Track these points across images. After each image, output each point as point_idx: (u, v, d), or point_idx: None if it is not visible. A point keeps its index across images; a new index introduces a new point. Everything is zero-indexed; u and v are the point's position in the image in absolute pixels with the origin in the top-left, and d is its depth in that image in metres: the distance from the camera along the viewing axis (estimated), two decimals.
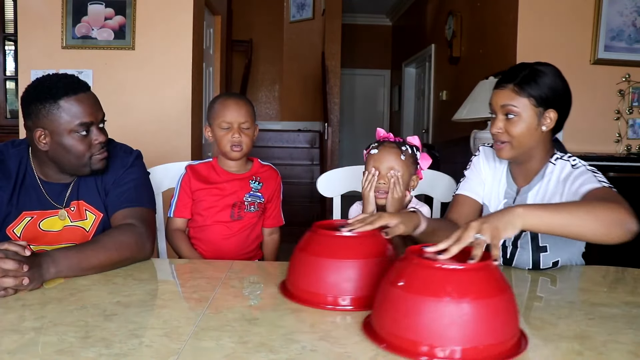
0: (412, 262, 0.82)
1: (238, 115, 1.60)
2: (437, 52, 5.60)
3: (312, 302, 0.99)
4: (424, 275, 0.80)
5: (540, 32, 3.38)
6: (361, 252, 1.01)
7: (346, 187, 1.79)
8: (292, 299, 1.03)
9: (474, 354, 0.75)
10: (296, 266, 1.06)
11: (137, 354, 0.77)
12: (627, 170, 2.95)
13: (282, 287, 1.09)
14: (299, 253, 1.06)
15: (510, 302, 0.81)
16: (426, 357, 0.75)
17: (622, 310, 1.02)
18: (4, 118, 4.33)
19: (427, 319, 0.76)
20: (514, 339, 0.80)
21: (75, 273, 1.14)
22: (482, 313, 0.76)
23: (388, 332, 0.81)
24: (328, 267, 1.00)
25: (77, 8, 3.22)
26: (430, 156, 1.47)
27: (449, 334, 0.75)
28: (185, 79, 3.33)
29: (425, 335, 0.76)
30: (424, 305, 0.77)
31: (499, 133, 1.31)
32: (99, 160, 1.34)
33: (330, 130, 5.63)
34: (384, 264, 0.99)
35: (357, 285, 0.98)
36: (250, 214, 1.65)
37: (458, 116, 3.41)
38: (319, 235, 1.05)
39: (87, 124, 1.28)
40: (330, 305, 0.98)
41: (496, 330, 0.77)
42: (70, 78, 1.31)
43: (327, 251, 1.01)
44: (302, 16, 7.15)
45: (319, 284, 1.00)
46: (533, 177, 1.36)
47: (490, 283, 0.80)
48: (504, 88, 1.30)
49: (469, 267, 0.80)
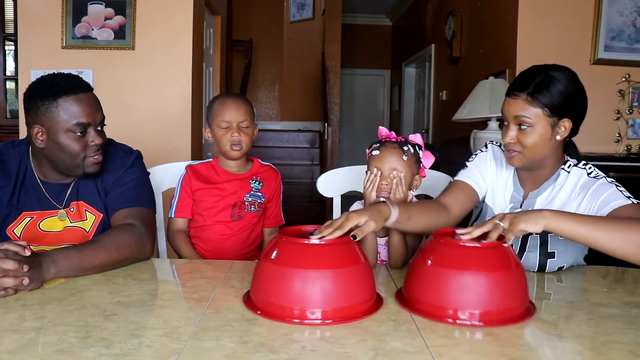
0: (439, 242, 0.99)
1: (237, 115, 1.60)
2: (437, 52, 5.60)
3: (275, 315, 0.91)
4: (448, 253, 0.97)
5: (540, 32, 3.38)
6: (331, 261, 0.94)
7: (346, 187, 1.79)
8: (253, 310, 0.95)
9: (489, 317, 0.91)
10: (260, 276, 0.98)
11: (137, 354, 0.77)
12: (627, 170, 2.95)
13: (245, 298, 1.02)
14: (264, 262, 0.98)
15: (517, 276, 0.96)
16: (451, 319, 0.92)
17: (622, 310, 1.02)
18: (4, 118, 4.33)
19: (452, 287, 0.93)
20: (523, 306, 0.96)
21: (75, 273, 1.14)
22: (493, 283, 0.93)
23: (417, 300, 0.97)
24: (295, 277, 0.92)
25: (77, 8, 3.22)
26: (433, 156, 1.46)
27: (469, 299, 0.92)
28: (185, 79, 3.33)
29: (450, 301, 0.92)
30: (449, 276, 0.94)
31: (512, 143, 1.27)
32: (92, 163, 1.32)
33: (330, 130, 5.63)
34: (357, 273, 0.95)
35: (327, 297, 0.91)
36: (250, 213, 1.65)
37: (458, 116, 3.41)
38: (286, 243, 0.97)
39: (83, 125, 1.28)
40: (297, 319, 0.90)
41: (506, 298, 0.93)
42: (73, 78, 1.31)
43: (293, 261, 0.94)
44: (302, 16, 7.15)
45: (283, 296, 0.92)
46: (542, 183, 1.33)
47: (501, 259, 0.96)
48: (516, 97, 1.25)
49: (484, 246, 0.97)
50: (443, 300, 0.93)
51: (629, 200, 1.17)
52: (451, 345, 0.83)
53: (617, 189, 1.21)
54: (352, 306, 0.93)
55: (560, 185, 1.31)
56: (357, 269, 0.96)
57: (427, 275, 0.97)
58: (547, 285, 1.23)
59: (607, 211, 1.18)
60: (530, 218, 1.03)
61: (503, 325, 0.90)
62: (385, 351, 0.80)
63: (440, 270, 0.95)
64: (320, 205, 5.20)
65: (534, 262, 1.30)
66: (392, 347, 0.81)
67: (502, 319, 0.91)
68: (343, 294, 0.93)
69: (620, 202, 1.17)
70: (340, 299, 0.92)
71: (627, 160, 3.07)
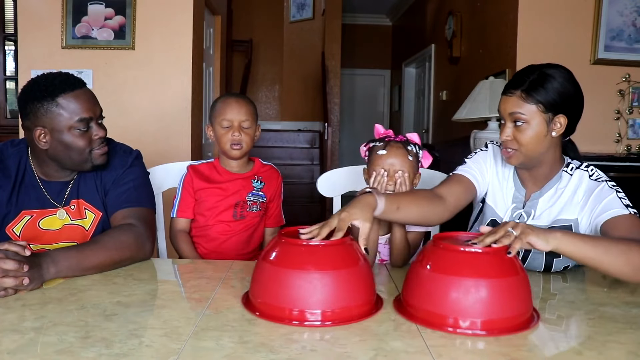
0: (439, 247, 0.96)
1: (238, 114, 1.60)
2: (437, 52, 5.60)
3: (274, 317, 0.91)
4: (448, 258, 0.93)
5: (540, 32, 3.38)
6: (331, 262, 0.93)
7: (346, 187, 1.79)
8: (252, 311, 0.95)
9: (490, 326, 0.87)
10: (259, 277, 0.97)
11: (137, 354, 0.77)
12: (627, 170, 2.95)
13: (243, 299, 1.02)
14: (263, 262, 0.97)
15: (520, 283, 0.92)
16: (451, 327, 0.88)
17: (622, 310, 1.02)
18: (4, 118, 4.33)
19: (451, 295, 0.89)
20: (525, 315, 0.92)
21: (75, 273, 1.14)
22: (496, 290, 0.89)
23: (418, 308, 0.93)
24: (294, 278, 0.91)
25: (77, 8, 3.22)
26: (431, 156, 1.46)
27: (470, 307, 0.88)
28: (185, 79, 3.33)
29: (450, 309, 0.89)
30: (449, 283, 0.90)
31: (508, 140, 1.28)
32: (99, 155, 1.34)
33: (330, 130, 5.63)
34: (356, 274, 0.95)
35: (327, 298, 0.90)
36: (252, 213, 1.65)
37: (458, 116, 3.41)
38: (285, 244, 0.97)
39: (86, 120, 1.29)
40: (297, 321, 0.90)
41: (508, 306, 0.89)
42: (65, 75, 1.31)
43: (293, 262, 0.93)
44: (302, 16, 7.15)
45: (282, 297, 0.91)
46: (545, 183, 1.33)
47: (503, 266, 0.93)
48: (511, 95, 1.26)
49: (486, 251, 0.94)
50: (443, 308, 0.89)
51: (626, 210, 1.20)
52: (451, 346, 0.83)
53: (617, 196, 1.23)
54: (351, 307, 0.92)
55: (563, 187, 1.31)
56: (356, 270, 0.96)
57: (426, 281, 0.93)
58: (547, 285, 1.23)
59: (605, 219, 1.20)
60: (542, 236, 1.03)
61: (506, 334, 0.87)
62: (385, 351, 0.80)
63: (440, 277, 0.91)
64: (320, 205, 5.20)
65: (540, 263, 1.30)
66: (392, 347, 0.81)
67: (505, 327, 0.88)
68: (343, 295, 0.92)
69: (618, 212, 1.19)
70: (339, 301, 0.91)
71: (627, 160, 3.07)
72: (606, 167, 3.09)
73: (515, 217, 1.36)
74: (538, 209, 1.33)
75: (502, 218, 1.37)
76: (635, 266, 1.05)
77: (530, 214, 1.34)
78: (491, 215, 1.40)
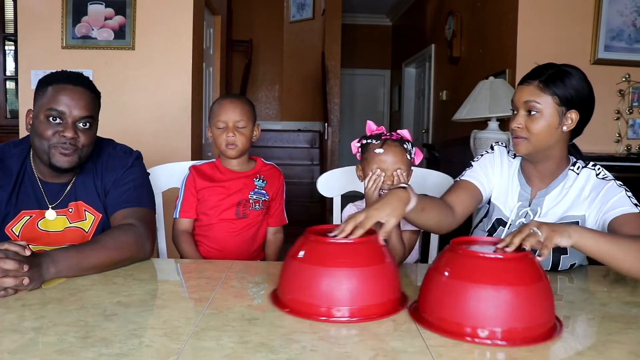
0: (457, 253, 0.92)
1: (233, 114, 1.61)
2: (437, 52, 5.60)
3: (303, 313, 0.93)
4: (467, 264, 0.89)
5: (540, 32, 3.38)
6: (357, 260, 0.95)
7: (346, 187, 1.79)
8: (282, 308, 0.97)
9: (511, 335, 0.83)
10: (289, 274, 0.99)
11: (137, 354, 0.77)
12: (627, 170, 2.95)
13: (272, 296, 1.04)
14: (292, 260, 0.99)
15: (544, 290, 0.88)
16: (469, 337, 0.84)
17: (622, 310, 1.02)
18: (4, 118, 4.33)
19: (470, 303, 0.85)
20: (548, 324, 0.87)
21: (75, 273, 1.14)
22: (518, 298, 0.85)
23: (435, 316, 0.89)
24: (322, 275, 0.94)
25: (77, 8, 3.22)
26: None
27: (490, 316, 0.84)
28: (185, 79, 3.33)
29: (469, 318, 0.85)
30: (468, 290, 0.86)
31: (519, 128, 1.29)
32: (59, 154, 1.29)
33: (330, 130, 5.64)
34: (382, 271, 0.96)
35: (354, 295, 0.92)
36: (255, 212, 1.65)
37: (458, 116, 3.41)
38: (313, 242, 0.99)
39: (57, 111, 1.27)
40: (324, 317, 0.91)
41: (531, 315, 0.85)
42: (75, 73, 1.33)
43: (321, 259, 0.95)
44: (302, 16, 7.15)
45: (311, 294, 0.93)
46: (551, 180, 1.35)
47: (527, 272, 0.88)
48: (529, 84, 1.29)
49: (508, 257, 0.90)
50: (461, 317, 0.85)
51: (635, 209, 1.22)
52: (451, 346, 0.83)
53: (626, 194, 1.25)
54: (379, 304, 0.94)
55: (569, 186, 1.32)
56: (382, 267, 0.97)
57: (445, 289, 0.89)
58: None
59: (613, 216, 1.22)
60: (565, 232, 1.05)
61: (527, 345, 0.83)
62: (385, 351, 0.80)
63: (459, 284, 0.87)
64: (320, 205, 5.20)
65: (548, 261, 1.30)
66: (392, 347, 0.81)
67: (526, 337, 0.84)
68: (370, 291, 0.93)
69: (627, 209, 1.21)
70: (367, 297, 0.93)
71: (627, 160, 3.07)
72: (606, 167, 3.08)
73: (521, 215, 1.37)
74: (544, 206, 1.34)
75: (509, 217, 1.38)
76: None
77: (536, 211, 1.34)
78: (497, 214, 1.40)
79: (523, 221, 1.36)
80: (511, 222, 1.37)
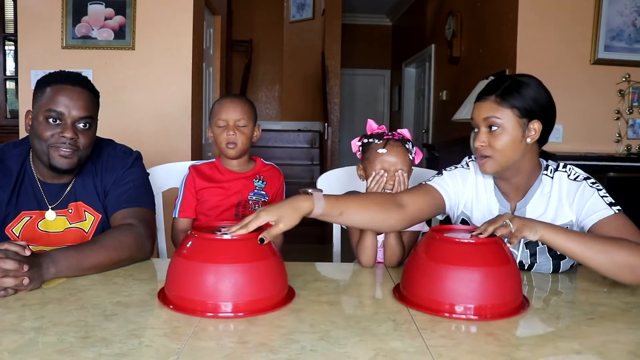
0: (435, 239, 1.03)
1: (233, 113, 1.61)
2: (437, 52, 5.60)
3: (188, 310, 0.94)
4: (444, 248, 1.01)
5: (540, 32, 3.38)
6: (239, 256, 0.97)
7: (346, 187, 1.79)
8: (167, 305, 0.97)
9: (483, 311, 0.95)
10: (174, 272, 1.01)
11: (137, 354, 0.77)
12: (627, 170, 2.95)
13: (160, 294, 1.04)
14: (177, 258, 1.01)
15: (512, 271, 1.00)
16: (447, 313, 0.95)
17: (622, 310, 1.02)
18: (4, 118, 4.33)
19: (447, 282, 0.97)
20: (516, 301, 0.99)
21: (75, 273, 1.14)
22: (488, 278, 0.97)
23: (415, 294, 1.01)
24: (206, 271, 0.95)
25: (77, 8, 3.22)
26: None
27: (465, 294, 0.95)
28: (185, 79, 3.33)
29: (447, 296, 0.96)
30: (445, 272, 0.97)
31: (482, 147, 1.25)
32: (58, 156, 1.29)
33: (330, 130, 5.64)
34: (266, 267, 0.99)
35: (237, 291, 0.94)
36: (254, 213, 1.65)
37: (458, 116, 3.41)
38: (198, 239, 1.01)
39: (56, 113, 1.28)
40: (211, 313, 0.93)
41: (500, 293, 0.97)
42: (73, 74, 1.33)
43: (204, 256, 0.97)
44: (302, 16, 7.15)
45: (198, 290, 0.95)
46: (526, 191, 1.30)
47: (496, 255, 1.00)
48: (485, 100, 1.25)
49: (480, 242, 1.02)
50: (440, 295, 0.97)
51: (611, 210, 1.20)
52: (451, 346, 0.83)
53: (600, 195, 1.23)
54: (261, 300, 0.96)
55: (548, 192, 1.29)
56: (265, 263, 0.99)
57: (425, 271, 1.01)
58: (547, 285, 1.23)
59: (591, 223, 1.21)
60: (533, 227, 1.10)
61: (497, 319, 0.94)
62: (385, 351, 0.80)
63: (437, 266, 0.99)
64: None
65: (548, 267, 1.29)
66: (392, 347, 0.81)
67: (496, 313, 0.95)
68: (253, 287, 0.96)
69: (604, 213, 1.20)
70: (250, 293, 0.95)
71: (627, 160, 3.07)
72: (606, 167, 3.09)
73: None
74: (528, 215, 1.29)
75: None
76: (618, 264, 1.09)
77: None
78: None
79: None
80: None
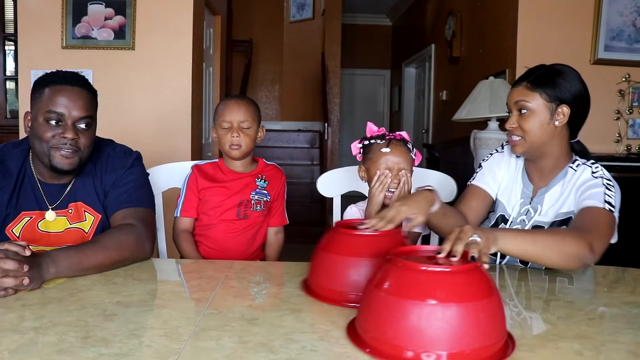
0: (397, 265, 0.79)
1: (237, 115, 1.61)
2: (437, 52, 5.60)
3: (333, 300, 1.00)
4: (408, 278, 0.77)
5: (540, 32, 3.38)
6: (381, 250, 0.97)
7: (346, 187, 1.79)
8: (312, 295, 1.04)
9: (460, 359, 0.72)
10: (318, 265, 1.08)
11: (137, 354, 0.77)
12: (627, 170, 2.95)
13: (303, 285, 1.11)
14: (321, 252, 1.07)
15: (497, 305, 0.78)
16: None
17: (622, 310, 1.02)
18: (4, 118, 4.33)
19: (412, 322, 0.73)
20: (500, 342, 0.78)
21: (75, 273, 1.14)
22: (469, 316, 0.73)
23: (372, 336, 0.78)
24: (349, 265, 1.01)
25: (77, 8, 3.22)
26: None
27: (435, 338, 0.72)
28: (185, 79, 3.33)
29: (411, 340, 0.73)
30: (409, 308, 0.74)
31: (513, 128, 1.35)
32: (60, 157, 1.29)
33: (330, 130, 5.63)
34: None
35: None
36: (256, 212, 1.65)
37: (458, 116, 3.41)
38: (340, 234, 1.07)
39: (56, 113, 1.28)
40: (353, 304, 0.96)
41: (483, 334, 0.74)
42: (72, 73, 1.33)
43: (348, 250, 1.03)
44: (302, 16, 7.15)
45: (340, 282, 1.01)
46: (551, 179, 1.38)
47: (477, 286, 0.77)
48: (518, 85, 1.35)
49: (455, 270, 0.77)
50: (401, 339, 0.74)
51: (602, 204, 1.24)
52: None
53: (604, 191, 1.27)
54: None
55: (568, 183, 1.35)
56: None
57: (382, 306, 0.77)
58: (547, 284, 1.23)
59: (582, 206, 1.26)
60: (493, 239, 1.02)
61: None
62: None
63: (399, 301, 0.75)
64: (320, 205, 5.20)
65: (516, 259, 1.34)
66: None
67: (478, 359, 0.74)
68: None
69: (594, 203, 1.24)
70: None
71: (627, 160, 3.07)
72: (606, 167, 3.08)
73: (523, 212, 1.40)
74: (545, 204, 1.37)
75: (510, 214, 1.42)
76: (567, 255, 1.12)
77: (537, 209, 1.38)
78: (501, 210, 1.45)
79: (524, 218, 1.39)
80: (512, 219, 1.41)
